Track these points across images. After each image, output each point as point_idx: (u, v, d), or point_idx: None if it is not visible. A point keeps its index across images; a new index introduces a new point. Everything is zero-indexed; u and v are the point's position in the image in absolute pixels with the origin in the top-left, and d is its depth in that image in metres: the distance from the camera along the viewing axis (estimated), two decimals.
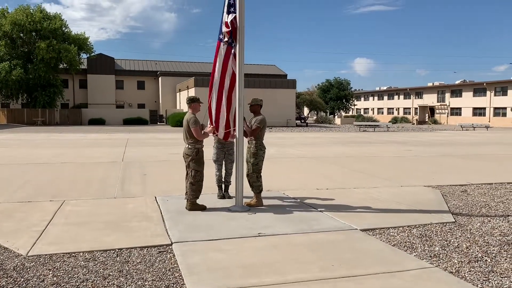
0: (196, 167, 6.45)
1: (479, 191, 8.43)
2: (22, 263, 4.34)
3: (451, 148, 18.14)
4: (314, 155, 14.72)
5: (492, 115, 51.23)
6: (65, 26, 42.69)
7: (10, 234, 5.23)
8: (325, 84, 68.79)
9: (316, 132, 32.30)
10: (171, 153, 14.40)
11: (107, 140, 20.81)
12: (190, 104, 6.64)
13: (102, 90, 53.31)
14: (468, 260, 4.56)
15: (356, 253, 4.70)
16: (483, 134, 31.66)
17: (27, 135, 24.35)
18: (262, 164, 6.89)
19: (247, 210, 6.47)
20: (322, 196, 7.68)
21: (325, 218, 6.13)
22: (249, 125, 6.88)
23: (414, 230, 5.63)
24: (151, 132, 28.58)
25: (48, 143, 18.78)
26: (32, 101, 42.37)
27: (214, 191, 7.47)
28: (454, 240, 5.25)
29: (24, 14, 39.88)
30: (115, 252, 4.68)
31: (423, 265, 4.40)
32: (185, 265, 4.29)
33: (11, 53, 40.94)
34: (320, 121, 54.35)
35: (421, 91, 63.79)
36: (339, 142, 21.18)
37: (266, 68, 60.87)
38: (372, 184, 8.97)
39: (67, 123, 40.83)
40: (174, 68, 57.53)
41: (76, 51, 41.38)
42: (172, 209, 6.55)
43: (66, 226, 5.63)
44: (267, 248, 4.84)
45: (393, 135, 28.96)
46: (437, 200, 7.48)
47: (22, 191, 7.84)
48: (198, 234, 5.30)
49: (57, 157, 13.31)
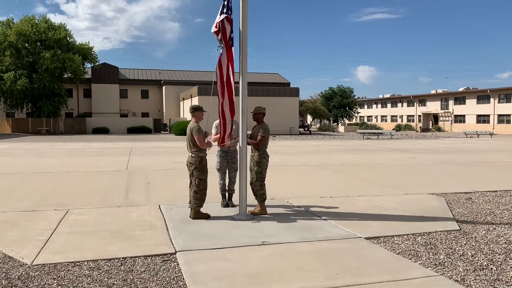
0: (200, 175, 6.47)
1: (484, 198, 8.39)
2: (27, 272, 4.35)
3: (455, 156, 18.08)
4: (318, 163, 14.71)
5: (496, 122, 51.07)
6: (69, 36, 43.05)
7: (15, 243, 5.25)
8: (328, 92, 68.92)
9: (320, 140, 32.29)
10: (175, 162, 14.43)
11: (111, 149, 20.88)
12: (194, 113, 6.66)
13: (106, 99, 53.64)
14: (473, 268, 4.53)
15: (361, 261, 4.68)
16: (488, 141, 31.55)
17: (31, 144, 24.47)
18: (266, 172, 6.89)
19: (251, 219, 6.46)
20: (326, 204, 7.66)
21: (329, 227, 6.11)
22: (252, 134, 6.87)
23: (418, 238, 5.61)
24: (155, 141, 28.66)
25: (53, 152, 18.86)
26: (36, 111, 42.65)
27: (218, 200, 7.48)
28: (459, 248, 5.22)
29: (29, 24, 40.27)
30: (120, 261, 4.68)
31: (428, 274, 4.37)
32: (189, 274, 4.28)
33: (16, 63, 41.28)
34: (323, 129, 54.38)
35: (425, 98, 63.76)
36: (342, 150, 21.16)
37: (269, 77, 61.10)
38: (376, 192, 8.94)
39: (71, 132, 41.04)
40: (177, 77, 57.87)
41: (80, 61, 41.68)
42: (176, 217, 6.55)
43: (71, 235, 5.64)
44: (271, 256, 4.83)
45: (397, 142, 28.91)
46: (442, 208, 7.45)
47: (26, 200, 7.87)
48: (202, 242, 5.30)
49: (61, 166, 13.36)
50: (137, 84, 56.24)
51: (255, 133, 6.85)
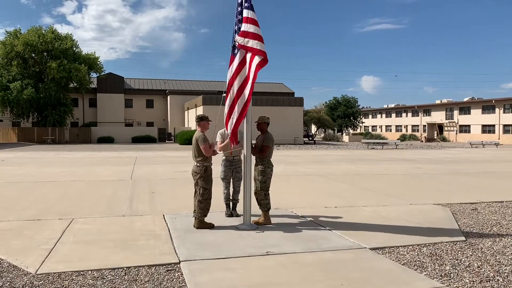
0: (205, 185, 6.47)
1: (490, 209, 8.32)
2: (31, 281, 4.35)
3: (461, 166, 17.99)
4: (322, 172, 14.67)
5: (502, 132, 50.83)
6: (75, 46, 43.50)
7: (19, 252, 5.26)
8: (333, 101, 68.98)
9: (324, 149, 32.24)
10: (179, 171, 14.44)
11: (116, 158, 20.94)
12: (199, 123, 6.69)
13: (112, 109, 53.94)
14: (479, 280, 4.49)
15: (366, 272, 4.65)
16: (493, 151, 31.38)
17: (37, 153, 24.60)
18: (270, 182, 6.87)
19: (255, 229, 6.44)
20: (330, 214, 7.63)
21: (334, 237, 6.08)
22: (256, 144, 6.86)
23: (424, 249, 5.57)
24: (160, 150, 28.72)
25: (58, 161, 18.94)
26: (42, 120, 42.94)
27: (222, 209, 7.47)
28: (465, 259, 5.18)
29: (36, 34, 40.72)
30: (123, 271, 4.68)
31: (434, 285, 4.33)
32: (193, 284, 4.27)
33: (23, 73, 41.66)
34: (327, 138, 54.31)
35: (429, 108, 63.66)
36: (347, 160, 21.11)
37: (273, 86, 61.29)
38: (381, 202, 8.90)
39: (77, 142, 41.25)
40: (182, 87, 58.13)
41: (86, 71, 42.03)
42: (180, 227, 6.54)
43: (75, 244, 5.65)
44: (275, 267, 4.80)
45: (402, 152, 28.81)
46: (447, 219, 7.40)
47: (31, 209, 7.89)
48: (206, 252, 5.28)
49: (66, 175, 13.41)
50: (142, 93, 56.56)
51: (259, 143, 6.83)
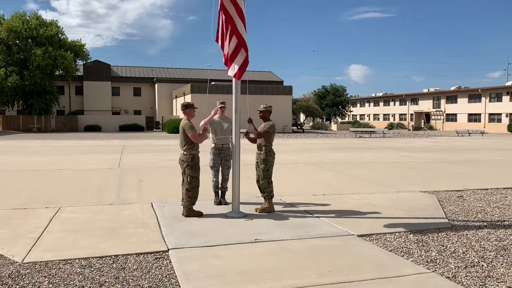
0: (192, 173, 6.45)
1: (475, 196, 8.45)
2: (17, 270, 4.31)
3: (447, 154, 18.21)
4: (311, 161, 14.73)
5: (488, 121, 51.47)
6: (61, 33, 42.72)
7: (5, 241, 5.20)
8: (321, 90, 69.04)
9: (313, 138, 32.34)
10: (167, 160, 14.38)
11: (103, 147, 20.75)
12: (185, 110, 6.65)
13: (98, 97, 53.30)
14: (464, 265, 4.56)
15: (353, 258, 4.70)
16: (479, 140, 31.81)
17: (22, 142, 24.26)
18: (272, 169, 6.93)
19: (243, 216, 6.46)
20: (319, 202, 7.68)
21: (322, 224, 6.13)
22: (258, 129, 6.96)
23: (410, 236, 5.64)
24: (147, 139, 28.54)
25: (44, 150, 18.70)
26: (28, 108, 42.26)
27: (211, 197, 7.46)
28: (451, 245, 5.26)
29: (20, 21, 39.89)
30: (111, 259, 4.66)
31: (420, 270, 4.40)
32: (182, 272, 4.27)
33: (7, 60, 40.87)
34: (316, 127, 54.45)
35: (417, 97, 64.10)
36: (335, 148, 21.22)
37: (262, 75, 61.02)
38: (369, 190, 8.98)
39: (63, 130, 40.71)
40: (170, 75, 57.60)
41: (72, 58, 41.37)
42: (168, 215, 6.53)
43: (62, 233, 5.60)
44: (264, 254, 4.83)
45: (389, 141, 29.05)
46: (434, 206, 7.50)
47: (17, 198, 7.80)
48: (195, 240, 5.28)
49: (52, 164, 13.26)
50: (129, 81, 55.92)
51: (261, 128, 6.94)
